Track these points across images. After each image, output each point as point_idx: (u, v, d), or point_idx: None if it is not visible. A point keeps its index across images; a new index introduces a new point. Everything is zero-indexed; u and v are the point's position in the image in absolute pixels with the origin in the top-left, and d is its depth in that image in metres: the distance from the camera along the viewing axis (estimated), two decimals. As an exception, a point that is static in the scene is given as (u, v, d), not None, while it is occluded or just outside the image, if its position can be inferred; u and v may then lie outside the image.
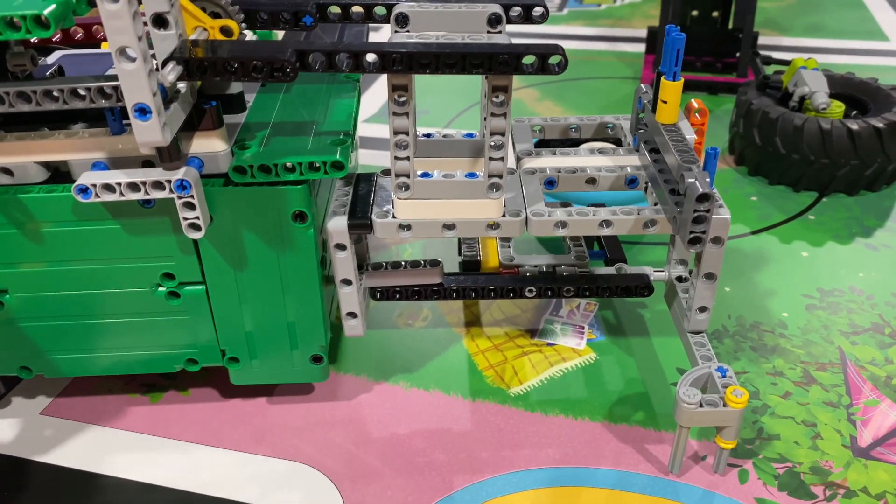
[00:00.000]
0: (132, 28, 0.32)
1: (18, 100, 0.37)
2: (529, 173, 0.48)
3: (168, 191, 0.38)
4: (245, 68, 0.35)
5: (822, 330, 0.55)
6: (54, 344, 0.46)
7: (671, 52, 0.43)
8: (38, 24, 0.34)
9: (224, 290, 0.44)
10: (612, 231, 0.44)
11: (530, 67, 0.37)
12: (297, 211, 0.42)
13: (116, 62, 0.33)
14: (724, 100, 0.91)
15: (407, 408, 0.50)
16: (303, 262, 0.44)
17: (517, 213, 0.44)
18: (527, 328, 0.56)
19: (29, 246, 0.42)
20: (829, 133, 0.69)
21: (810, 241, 0.65)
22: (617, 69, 1.01)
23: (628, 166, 0.48)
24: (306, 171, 0.40)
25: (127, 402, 0.51)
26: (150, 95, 0.34)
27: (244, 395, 0.51)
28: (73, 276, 0.44)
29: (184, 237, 0.42)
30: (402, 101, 0.39)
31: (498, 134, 0.41)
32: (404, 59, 0.37)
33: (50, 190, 0.41)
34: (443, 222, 0.44)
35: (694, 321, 0.47)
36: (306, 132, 0.43)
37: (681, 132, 0.44)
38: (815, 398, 0.50)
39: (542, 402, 0.50)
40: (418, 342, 0.55)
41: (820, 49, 1.06)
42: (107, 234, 0.42)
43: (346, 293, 0.46)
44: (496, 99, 0.39)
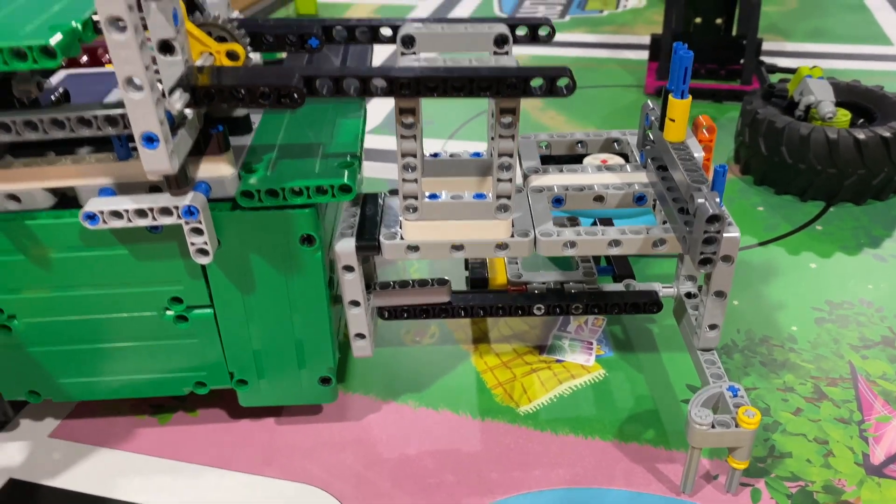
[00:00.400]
0: (139, 58, 0.32)
1: (25, 128, 0.37)
2: (537, 191, 0.47)
3: (176, 217, 0.38)
4: (252, 95, 0.35)
5: (831, 344, 0.55)
6: (62, 368, 0.46)
7: (679, 70, 0.42)
8: (45, 55, 0.33)
9: (232, 313, 0.44)
10: (621, 251, 0.44)
11: (538, 90, 0.37)
12: (305, 234, 0.42)
13: (123, 91, 0.33)
14: (728, 108, 0.91)
15: (416, 428, 0.50)
16: (311, 284, 0.44)
17: (525, 234, 0.43)
18: (535, 344, 0.56)
19: (36, 272, 0.42)
20: (836, 143, 0.69)
21: (818, 252, 0.65)
22: (620, 77, 1.01)
23: (636, 183, 0.48)
24: (314, 194, 0.40)
25: (135, 423, 0.51)
26: (157, 124, 0.34)
27: (252, 415, 0.51)
28: (81, 301, 0.43)
29: (191, 261, 0.42)
30: (410, 124, 0.39)
31: (506, 155, 0.40)
32: (412, 83, 0.37)
33: (57, 216, 0.41)
34: (451, 243, 0.43)
35: (704, 339, 0.47)
36: (313, 154, 0.43)
37: (689, 150, 0.44)
38: (826, 414, 0.49)
39: (552, 420, 0.49)
40: (426, 360, 0.55)
41: (823, 54, 1.06)
42: (114, 260, 0.42)
43: (354, 314, 0.46)
44: (504, 121, 0.39)
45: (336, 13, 1.31)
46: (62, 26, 0.34)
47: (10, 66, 0.34)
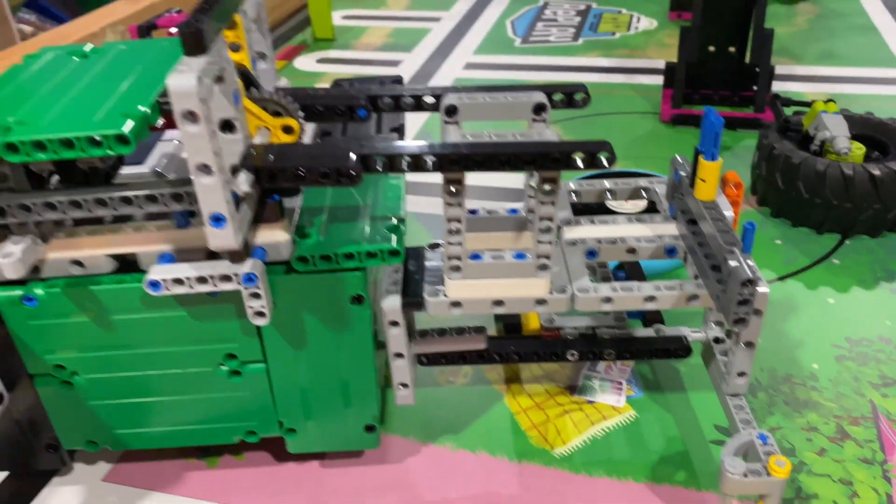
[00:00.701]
0: (210, 147, 0.34)
1: (96, 206, 0.39)
2: (571, 244, 0.49)
3: (236, 283, 0.40)
4: (313, 175, 0.37)
5: (852, 382, 0.57)
6: (120, 419, 0.48)
7: (709, 134, 0.44)
8: (119, 142, 0.35)
9: (283, 366, 0.46)
10: (655, 306, 0.46)
11: (580, 163, 0.39)
12: (355, 294, 0.44)
13: (195, 177, 0.35)
14: (742, 136, 0.93)
15: (455, 471, 0.52)
16: (358, 339, 0.46)
17: (563, 290, 0.45)
18: (566, 384, 0.58)
19: (98, 332, 0.44)
20: (852, 178, 0.70)
21: (836, 287, 0.67)
22: (636, 104, 1.03)
23: (667, 236, 0.49)
24: (365, 258, 0.42)
25: (184, 466, 0.53)
26: (225, 205, 0.36)
27: (297, 459, 0.53)
28: (140, 359, 0.45)
29: (247, 321, 0.44)
30: (456, 193, 0.41)
31: (547, 219, 0.42)
32: (461, 159, 0.39)
33: (120, 281, 0.43)
34: (492, 300, 0.45)
35: (733, 385, 0.49)
36: (361, 217, 0.45)
37: (720, 209, 0.46)
38: (849, 454, 0.51)
39: (587, 463, 0.52)
40: (461, 400, 0.57)
41: (834, 78, 1.08)
42: (173, 321, 0.44)
43: (398, 366, 0.48)
44: (545, 188, 0.41)
45: (352, 37, 1.33)
46: (133, 113, 0.36)
47: (86, 152, 0.36)
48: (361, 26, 1.39)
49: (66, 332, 0.44)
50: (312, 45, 1.30)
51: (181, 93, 0.33)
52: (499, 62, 1.19)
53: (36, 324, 0.43)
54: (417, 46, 1.27)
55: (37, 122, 0.37)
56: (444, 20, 1.40)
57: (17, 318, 0.43)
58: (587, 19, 1.36)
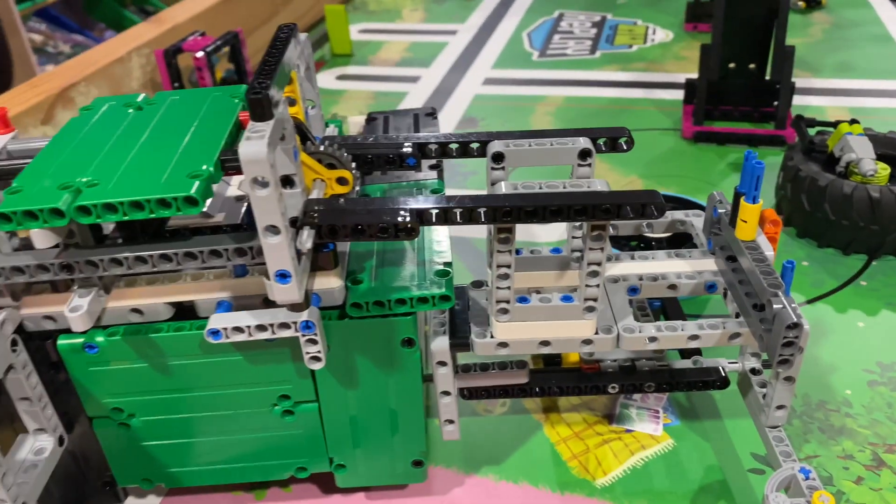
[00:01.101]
0: (278, 209, 0.35)
1: (161, 261, 0.40)
2: (613, 282, 0.50)
3: (294, 330, 0.41)
4: (372, 230, 0.38)
5: (885, 408, 0.58)
6: (174, 459, 0.49)
7: (751, 177, 0.45)
8: (188, 203, 0.37)
9: (335, 406, 0.47)
10: (699, 344, 0.47)
11: (631, 213, 0.40)
12: (406, 338, 0.45)
13: (262, 238, 0.36)
14: (764, 152, 0.94)
15: (499, 501, 0.53)
16: (408, 379, 0.47)
17: (609, 330, 0.46)
18: (603, 413, 0.59)
19: (156, 377, 0.45)
20: (879, 201, 0.71)
21: (865, 310, 0.68)
22: (656, 120, 1.04)
23: (706, 272, 0.50)
24: (416, 304, 0.43)
25: (233, 500, 0.54)
26: (290, 262, 0.37)
27: (344, 491, 0.54)
28: (196, 401, 0.47)
29: (301, 364, 0.45)
30: (506, 240, 0.42)
31: (595, 264, 0.44)
32: (513, 211, 0.40)
33: (179, 328, 0.44)
34: (539, 341, 0.46)
35: (772, 418, 0.50)
36: (410, 262, 0.46)
37: (761, 250, 0.47)
38: (886, 483, 0.52)
39: (628, 493, 0.53)
40: (501, 430, 0.58)
41: (852, 91, 1.09)
42: (230, 365, 0.45)
43: (445, 403, 0.49)
44: (594, 234, 0.42)
45: (370, 52, 1.34)
46: (200, 174, 0.38)
47: (155, 213, 0.37)
48: (378, 41, 1.40)
49: (125, 378, 0.45)
50: (331, 60, 1.31)
51: (253, 160, 0.34)
52: (518, 77, 1.20)
53: (96, 370, 0.45)
54: (435, 61, 1.28)
55: (105, 184, 0.38)
56: (460, 33, 1.40)
57: (78, 364, 0.44)
58: (603, 31, 1.37)
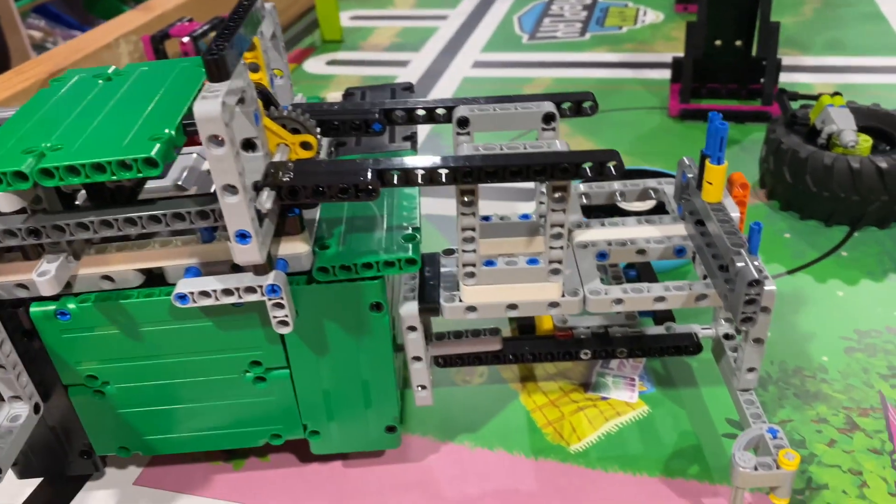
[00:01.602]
0: (235, 168, 0.36)
1: (126, 224, 0.40)
2: (582, 247, 0.51)
3: (260, 294, 0.42)
4: (333, 190, 0.39)
5: (861, 374, 0.58)
6: (150, 426, 0.50)
7: (715, 139, 0.46)
8: (148, 165, 0.37)
9: (306, 372, 0.48)
10: (665, 306, 0.47)
11: (589, 172, 0.41)
12: (374, 302, 0.45)
13: (221, 197, 0.37)
14: (751, 129, 0.94)
15: (474, 468, 0.53)
16: (378, 344, 0.47)
17: (575, 292, 0.47)
18: (580, 381, 0.59)
19: (128, 343, 0.46)
20: (859, 171, 0.71)
21: (845, 280, 0.68)
22: (644, 99, 1.04)
23: (676, 237, 0.51)
24: (383, 268, 0.44)
25: (211, 469, 0.55)
26: (250, 223, 0.38)
27: (321, 460, 0.55)
28: (168, 368, 0.47)
29: (271, 329, 0.46)
30: (470, 203, 0.43)
31: (558, 226, 0.44)
32: (473, 171, 0.40)
33: (149, 294, 0.44)
34: (506, 304, 0.47)
35: (743, 381, 0.50)
36: (378, 227, 0.46)
37: (726, 211, 0.47)
38: (859, 445, 0.53)
39: (602, 458, 0.53)
40: (478, 400, 0.59)
41: (842, 68, 1.08)
42: (200, 331, 0.46)
43: (417, 368, 0.49)
44: (556, 196, 0.43)
45: (360, 37, 1.34)
46: (161, 137, 0.38)
47: (116, 175, 0.37)
48: (369, 27, 1.40)
49: (98, 344, 0.46)
50: (321, 47, 1.32)
51: (207, 118, 0.34)
52: (507, 60, 1.20)
53: (69, 337, 0.45)
54: (425, 46, 1.28)
55: (69, 147, 0.38)
56: (451, 18, 1.41)
57: (51, 331, 0.45)
58: (594, 13, 1.37)
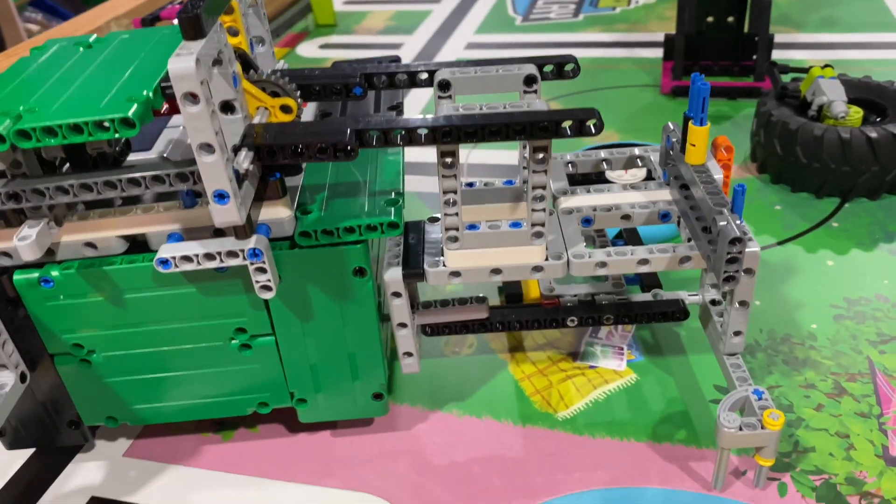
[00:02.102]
0: (210, 126, 0.36)
1: (106, 187, 0.40)
2: (567, 213, 0.51)
3: (241, 258, 0.42)
4: (311, 150, 0.39)
5: (850, 340, 0.58)
6: (137, 395, 0.50)
7: (697, 100, 0.45)
8: (125, 125, 0.37)
9: (292, 339, 0.48)
10: (649, 268, 0.47)
11: (568, 130, 0.40)
12: (357, 267, 0.45)
13: (197, 156, 0.37)
14: (743, 105, 0.94)
15: (462, 435, 0.53)
16: (363, 310, 0.47)
17: (559, 256, 0.47)
18: (568, 351, 0.59)
19: (113, 311, 0.46)
20: (849, 142, 0.71)
21: (835, 250, 0.68)
22: (636, 77, 1.03)
23: (660, 201, 0.51)
24: (365, 231, 0.44)
25: (201, 441, 0.55)
26: (227, 182, 0.38)
27: (310, 429, 0.55)
28: (153, 335, 0.47)
29: (254, 296, 0.46)
30: (451, 165, 0.43)
31: (539, 187, 0.44)
32: (453, 131, 0.40)
33: (132, 261, 0.44)
34: (490, 268, 0.47)
35: (729, 345, 0.50)
36: (360, 193, 0.46)
37: (710, 173, 0.47)
38: (846, 409, 0.53)
39: (589, 424, 0.53)
40: (466, 370, 0.59)
41: (835, 44, 1.08)
42: (184, 298, 0.46)
43: (402, 335, 0.49)
44: (537, 157, 0.43)
45: (354, 21, 1.34)
46: (137, 97, 0.38)
47: (93, 136, 0.37)
48: (363, 11, 1.40)
49: (82, 312, 0.46)
50: (314, 31, 1.32)
51: (181, 75, 0.34)
52: (500, 41, 1.20)
53: (53, 304, 0.45)
54: (419, 29, 1.28)
55: (46, 109, 0.38)
56: (444, 1, 1.40)
57: (35, 299, 0.45)
58: (587, -5, 1.36)
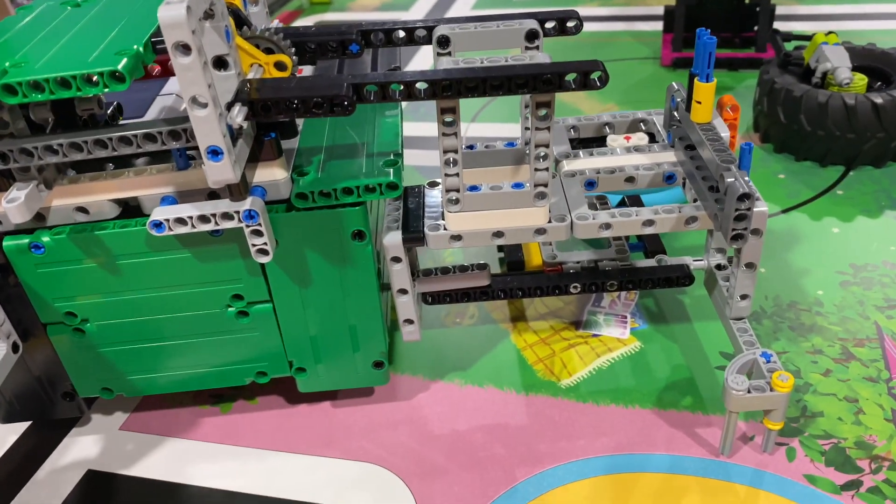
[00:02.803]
0: (203, 78, 0.35)
1: (96, 147, 0.39)
2: (570, 176, 0.50)
3: (237, 221, 0.41)
4: (306, 105, 0.38)
5: (857, 306, 0.57)
6: (132, 365, 0.49)
7: (703, 55, 0.44)
8: (114, 79, 0.36)
9: (290, 306, 0.47)
10: (654, 230, 0.46)
11: (573, 84, 0.39)
12: (356, 230, 0.44)
13: (189, 110, 0.36)
14: (745, 76, 0.92)
15: (464, 405, 0.52)
16: (362, 276, 0.46)
17: (562, 218, 0.46)
18: (571, 320, 0.58)
19: (106, 277, 0.45)
20: (854, 108, 0.70)
21: (840, 217, 0.67)
22: (636, 50, 1.02)
23: (665, 163, 0.50)
24: (363, 193, 0.42)
25: (198, 413, 0.54)
26: (221, 138, 0.36)
27: (309, 400, 0.54)
28: (148, 303, 0.46)
29: (251, 261, 0.45)
30: (451, 122, 0.41)
31: (542, 146, 0.43)
32: (453, 84, 0.39)
33: (124, 225, 0.43)
34: (492, 231, 0.46)
35: (736, 309, 0.49)
36: (358, 154, 0.45)
37: (716, 131, 0.46)
38: (855, 374, 0.52)
39: (593, 392, 0.52)
40: (468, 340, 0.58)
41: (838, 15, 1.07)
42: (178, 263, 0.45)
43: (403, 302, 0.48)
44: (540, 113, 0.41)
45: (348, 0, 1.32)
46: (127, 51, 0.37)
47: (82, 91, 0.36)
48: (358, -11, 1.38)
49: (75, 279, 0.45)
50: (308, 8, 1.30)
51: (172, 24, 0.33)
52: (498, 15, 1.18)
53: (44, 271, 0.44)
54: (415, 5, 1.26)
55: (33, 64, 0.37)
56: (441, -22, 1.38)
57: (25, 266, 0.44)
58: (586, -29, 1.35)
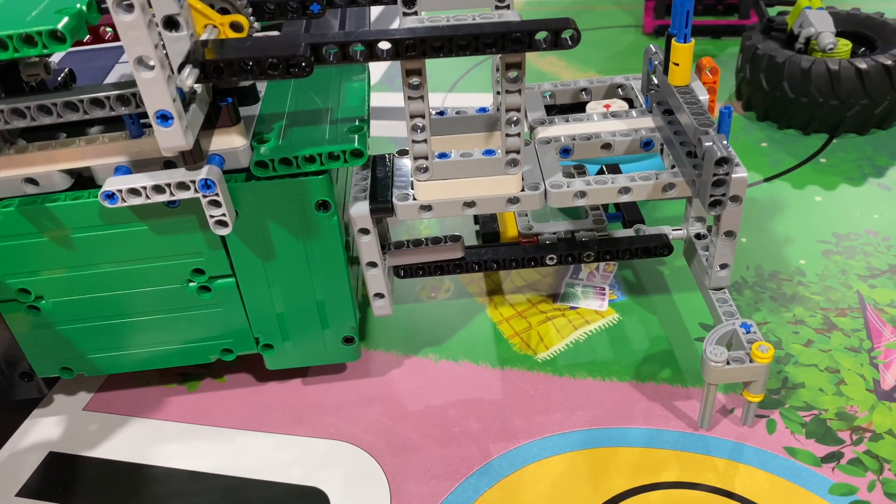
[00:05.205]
0: (148, 37, 0.33)
1: (40, 113, 0.37)
2: (544, 143, 0.48)
3: (193, 191, 0.39)
4: (261, 67, 0.36)
5: (839, 275, 0.56)
6: (92, 344, 0.47)
7: (680, 14, 0.42)
8: (54, 39, 0.34)
9: (254, 280, 0.45)
10: (631, 197, 0.44)
11: (543, 43, 0.37)
12: (320, 200, 0.42)
13: (135, 71, 0.33)
14: (727, 43, 0.91)
15: (438, 380, 0.51)
16: (329, 248, 0.44)
17: (536, 187, 0.44)
18: (548, 293, 0.57)
19: (59, 252, 0.43)
20: (838, 74, 0.68)
21: (823, 185, 0.66)
22: (617, 18, 1.00)
23: (643, 129, 0.48)
24: (326, 161, 0.41)
25: (165, 392, 0.52)
26: (170, 102, 0.34)
27: (279, 378, 0.52)
28: (105, 278, 0.44)
29: (210, 233, 0.43)
30: (417, 85, 0.40)
31: (513, 110, 0.41)
32: (417, 44, 0.37)
33: (76, 197, 0.41)
34: (463, 201, 0.44)
35: (715, 278, 0.48)
36: (322, 121, 0.43)
37: (694, 94, 0.44)
38: (836, 344, 0.51)
39: (570, 365, 0.51)
40: (443, 314, 0.56)
41: (822, -18, 1.05)
42: (135, 236, 0.43)
43: (372, 275, 0.47)
44: (510, 75, 0.40)
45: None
46: (68, 10, 0.35)
47: (20, 52, 0.34)
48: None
49: (27, 254, 0.43)
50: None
51: (110, -24, 0.31)
52: (477, -14, 1.16)
53: (-6, 247, 0.42)
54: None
55: (-33, 25, 0.35)
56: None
57: (-27, 241, 0.42)
58: (567, -61, 1.32)
